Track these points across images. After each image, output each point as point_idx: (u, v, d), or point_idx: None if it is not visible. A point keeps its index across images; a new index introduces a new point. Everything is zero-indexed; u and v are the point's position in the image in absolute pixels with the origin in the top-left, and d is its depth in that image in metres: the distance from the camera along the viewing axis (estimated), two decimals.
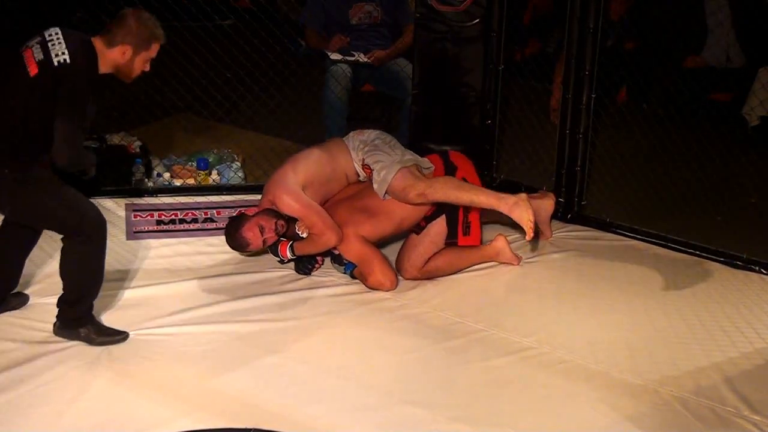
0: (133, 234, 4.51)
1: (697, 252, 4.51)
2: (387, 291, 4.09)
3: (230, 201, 4.93)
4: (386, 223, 4.14)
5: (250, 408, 3.26)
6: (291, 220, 4.12)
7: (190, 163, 5.17)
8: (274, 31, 5.67)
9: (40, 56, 3.34)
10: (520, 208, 3.93)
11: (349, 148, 4.26)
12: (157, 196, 4.92)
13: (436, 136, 5.02)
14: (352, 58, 5.28)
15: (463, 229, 4.18)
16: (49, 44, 3.35)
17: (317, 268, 4.26)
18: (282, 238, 4.15)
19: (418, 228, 4.19)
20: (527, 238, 3.95)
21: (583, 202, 4.85)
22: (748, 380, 3.52)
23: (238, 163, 5.22)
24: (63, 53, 3.32)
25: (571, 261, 4.44)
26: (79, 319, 3.55)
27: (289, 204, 4.08)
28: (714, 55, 6.24)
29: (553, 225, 4.70)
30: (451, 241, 4.19)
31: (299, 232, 4.11)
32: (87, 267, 3.51)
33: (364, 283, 4.15)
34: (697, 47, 6.28)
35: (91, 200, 3.64)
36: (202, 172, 5.10)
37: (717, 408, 3.35)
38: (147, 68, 3.51)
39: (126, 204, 4.77)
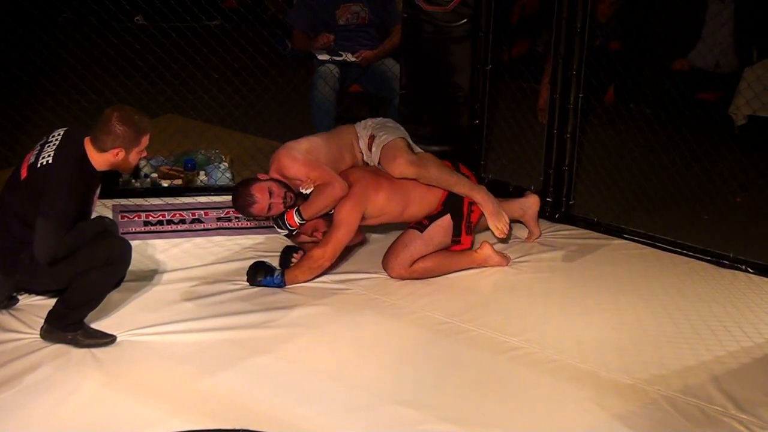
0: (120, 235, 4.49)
1: (684, 251, 4.53)
2: (319, 268, 4.08)
3: (218, 202, 4.91)
4: (396, 199, 4.16)
5: (239, 409, 3.25)
6: (300, 196, 4.13)
7: (177, 164, 5.16)
8: (261, 31, 5.67)
9: (32, 159, 3.51)
10: (492, 200, 4.25)
11: (358, 129, 4.35)
12: (144, 197, 4.90)
13: (424, 136, 5.01)
14: (340, 58, 5.28)
15: (466, 230, 4.23)
16: (46, 146, 3.51)
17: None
18: (288, 209, 4.14)
19: (421, 226, 4.20)
20: (498, 234, 4.27)
21: (570, 202, 4.85)
22: (735, 379, 3.53)
23: (226, 164, 5.21)
24: (49, 155, 3.46)
25: (559, 260, 4.45)
26: (71, 324, 3.55)
27: (290, 164, 4.13)
28: (703, 59, 6.24)
29: (542, 225, 4.71)
30: (455, 239, 4.23)
31: (303, 189, 4.10)
32: (101, 281, 3.56)
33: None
34: (684, 50, 6.28)
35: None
36: (189, 172, 5.08)
37: (704, 407, 3.36)
38: (144, 155, 3.62)
39: (113, 205, 4.76)
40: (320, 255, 4.07)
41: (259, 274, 4.09)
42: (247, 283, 4.10)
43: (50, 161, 3.44)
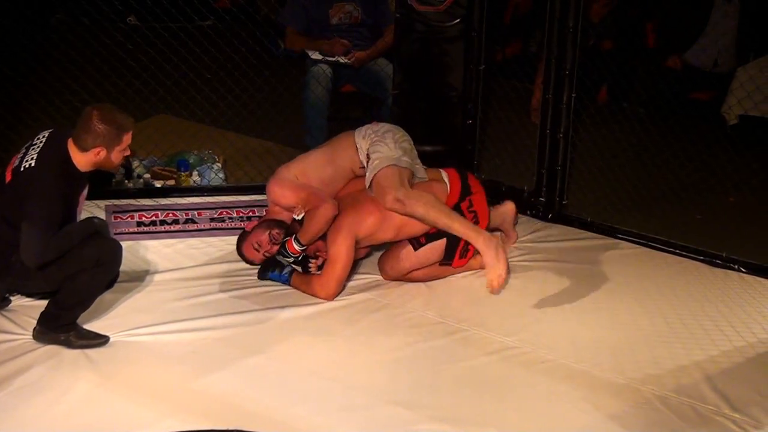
0: (113, 236, 4.48)
1: (677, 251, 4.53)
2: (322, 299, 4.00)
3: (211, 202, 4.91)
4: (389, 222, 4.04)
5: (234, 409, 3.25)
6: (297, 222, 4.10)
7: (170, 165, 5.15)
8: (254, 31, 5.66)
9: (16, 163, 3.50)
10: (493, 248, 3.97)
11: (357, 139, 4.20)
12: (137, 198, 4.89)
13: (417, 136, 5.00)
14: (333, 58, 5.28)
15: (460, 254, 4.16)
16: (30, 149, 3.50)
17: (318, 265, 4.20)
18: (287, 238, 4.11)
19: (418, 243, 4.12)
20: (489, 288, 4.03)
21: (564, 202, 4.86)
22: (728, 378, 3.54)
23: (219, 164, 5.20)
24: (32, 159, 3.45)
25: (553, 261, 4.45)
26: (64, 325, 3.54)
27: (281, 193, 4.11)
28: (700, 58, 6.25)
29: (535, 225, 4.73)
30: (446, 263, 4.18)
31: (295, 216, 4.09)
32: (92, 282, 3.54)
33: (305, 273, 4.12)
34: (683, 47, 6.30)
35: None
36: (182, 173, 5.07)
37: (698, 406, 3.37)
38: (127, 153, 3.61)
39: (106, 206, 4.74)
40: (324, 292, 3.99)
41: (269, 268, 4.11)
42: (242, 284, 4.10)
43: (33, 164, 3.43)
